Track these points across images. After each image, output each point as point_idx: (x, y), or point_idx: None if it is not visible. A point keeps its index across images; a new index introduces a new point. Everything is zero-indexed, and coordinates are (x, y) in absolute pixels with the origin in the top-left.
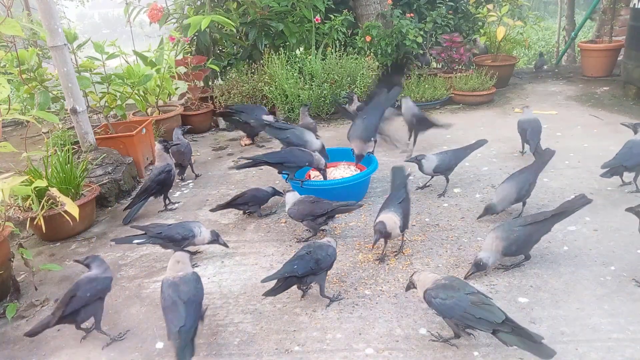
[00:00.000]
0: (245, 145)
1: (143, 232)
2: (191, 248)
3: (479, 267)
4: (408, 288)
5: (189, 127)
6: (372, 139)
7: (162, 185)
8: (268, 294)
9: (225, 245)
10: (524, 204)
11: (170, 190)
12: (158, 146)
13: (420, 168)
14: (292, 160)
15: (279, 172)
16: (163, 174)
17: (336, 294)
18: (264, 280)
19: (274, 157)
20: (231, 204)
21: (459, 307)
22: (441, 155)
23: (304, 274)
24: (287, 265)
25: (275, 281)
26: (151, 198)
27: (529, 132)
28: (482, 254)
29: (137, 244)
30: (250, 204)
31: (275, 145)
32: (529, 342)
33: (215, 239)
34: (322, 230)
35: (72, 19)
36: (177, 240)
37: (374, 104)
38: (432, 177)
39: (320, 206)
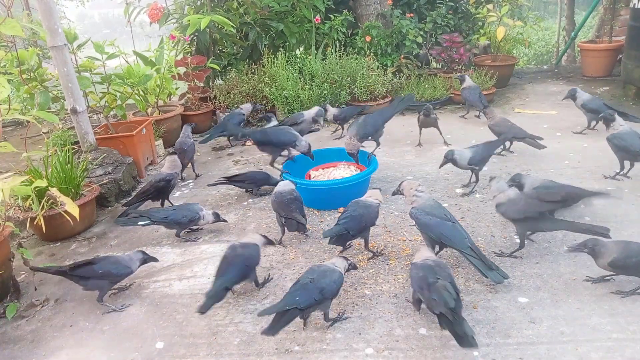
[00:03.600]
0: (247, 145)
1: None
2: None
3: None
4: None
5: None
6: (370, 138)
7: (158, 192)
8: (267, 332)
9: (224, 220)
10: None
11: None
12: (172, 157)
13: (455, 163)
14: (276, 139)
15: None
16: (162, 182)
17: (341, 312)
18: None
19: (261, 136)
20: (231, 180)
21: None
22: (474, 149)
23: (306, 306)
24: (288, 297)
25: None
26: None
27: None
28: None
29: (142, 225)
30: (248, 182)
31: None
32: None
33: (217, 219)
34: (306, 235)
35: (72, 19)
36: (184, 223)
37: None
38: (473, 174)
39: (283, 208)
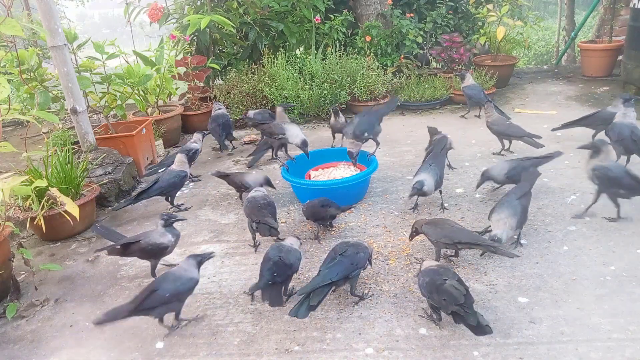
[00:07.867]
0: (245, 143)
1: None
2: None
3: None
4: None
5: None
6: (368, 136)
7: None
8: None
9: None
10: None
11: None
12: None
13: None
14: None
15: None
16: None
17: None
18: (301, 292)
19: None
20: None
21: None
22: (432, 171)
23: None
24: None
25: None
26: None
27: None
28: (497, 232)
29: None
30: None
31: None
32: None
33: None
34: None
35: (72, 19)
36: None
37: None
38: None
39: (256, 213)
